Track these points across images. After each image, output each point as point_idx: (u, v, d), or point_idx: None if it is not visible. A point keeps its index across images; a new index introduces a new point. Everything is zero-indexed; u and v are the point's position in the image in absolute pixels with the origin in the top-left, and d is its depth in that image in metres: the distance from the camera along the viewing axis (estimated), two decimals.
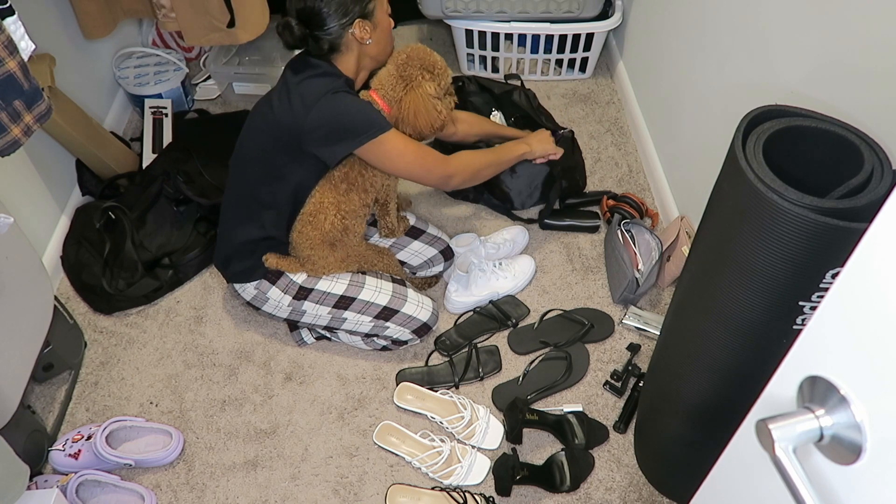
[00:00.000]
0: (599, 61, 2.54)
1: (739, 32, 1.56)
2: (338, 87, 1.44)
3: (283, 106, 1.45)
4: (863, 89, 1.15)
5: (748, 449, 0.74)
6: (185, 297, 1.93)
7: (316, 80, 1.45)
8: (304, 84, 1.44)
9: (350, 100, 1.45)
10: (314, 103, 1.41)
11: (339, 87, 1.45)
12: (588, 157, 2.24)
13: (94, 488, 1.55)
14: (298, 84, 1.45)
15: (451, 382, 1.73)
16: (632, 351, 1.77)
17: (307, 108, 1.42)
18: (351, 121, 1.44)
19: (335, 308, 1.66)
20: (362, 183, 1.57)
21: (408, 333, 1.71)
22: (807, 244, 0.91)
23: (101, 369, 1.79)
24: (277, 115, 1.47)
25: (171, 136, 2.24)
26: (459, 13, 2.28)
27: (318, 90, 1.42)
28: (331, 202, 1.57)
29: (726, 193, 1.04)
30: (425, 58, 1.53)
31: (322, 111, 1.42)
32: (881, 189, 0.92)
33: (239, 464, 1.62)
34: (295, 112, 1.43)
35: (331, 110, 1.42)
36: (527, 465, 1.57)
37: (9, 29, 1.38)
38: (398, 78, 1.53)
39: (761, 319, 1.04)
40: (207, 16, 2.07)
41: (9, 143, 1.45)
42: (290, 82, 1.47)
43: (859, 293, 0.56)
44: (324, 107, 1.42)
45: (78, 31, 2.12)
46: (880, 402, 0.54)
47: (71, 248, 1.94)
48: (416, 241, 1.81)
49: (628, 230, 1.90)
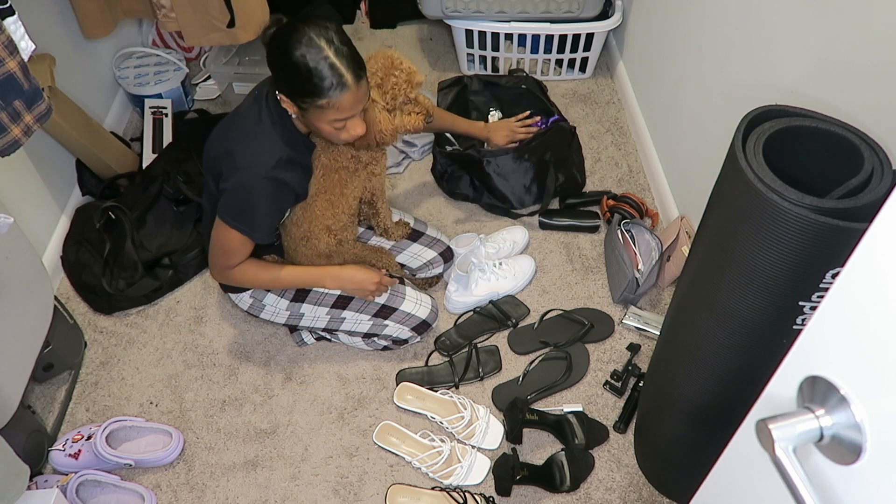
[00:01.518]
0: (599, 61, 2.54)
1: (739, 32, 1.56)
2: (266, 171, 1.37)
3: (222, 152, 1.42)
4: (863, 89, 1.15)
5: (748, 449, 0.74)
6: (185, 297, 1.93)
7: (252, 148, 1.38)
8: (242, 145, 1.39)
9: (261, 196, 1.40)
10: (236, 172, 1.38)
11: (266, 171, 1.38)
12: (588, 157, 2.24)
13: (94, 488, 1.55)
14: (239, 141, 1.39)
15: (451, 382, 1.73)
16: (632, 351, 1.77)
17: (233, 167, 1.39)
18: (242, 211, 1.41)
19: (333, 308, 1.66)
20: (344, 199, 1.55)
21: (407, 331, 1.71)
22: (807, 244, 0.91)
23: (101, 369, 1.79)
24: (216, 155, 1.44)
25: (171, 136, 2.24)
26: (459, 13, 2.28)
27: (247, 161, 1.38)
28: (321, 228, 1.56)
29: (726, 193, 1.04)
30: (385, 63, 1.45)
31: (236, 186, 1.39)
32: (881, 189, 0.92)
33: (239, 464, 1.62)
34: (224, 165, 1.41)
35: (242, 192, 1.39)
36: (527, 465, 1.57)
37: (9, 29, 1.38)
38: None
39: (761, 319, 1.04)
40: (207, 16, 2.07)
41: (9, 143, 1.45)
42: (240, 128, 1.41)
43: (859, 293, 0.56)
44: (239, 183, 1.38)
45: (78, 31, 2.12)
46: (880, 402, 0.54)
47: (71, 248, 1.94)
48: (416, 244, 1.81)
49: (628, 230, 1.90)
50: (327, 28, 1.29)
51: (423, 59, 2.65)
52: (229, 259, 1.49)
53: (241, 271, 1.52)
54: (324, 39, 1.26)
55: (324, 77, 1.26)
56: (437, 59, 2.64)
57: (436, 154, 2.13)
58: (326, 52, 1.26)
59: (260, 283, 1.58)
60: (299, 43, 1.26)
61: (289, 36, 1.27)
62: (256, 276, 1.55)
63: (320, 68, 1.26)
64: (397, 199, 2.15)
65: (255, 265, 1.53)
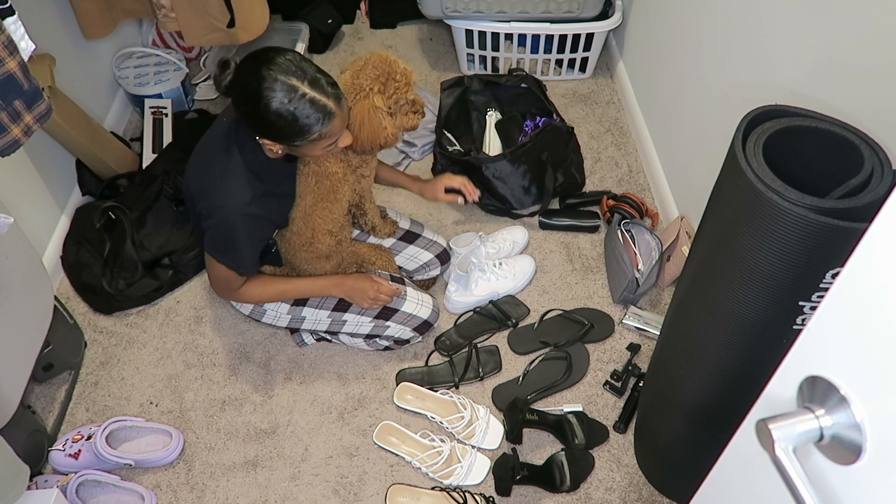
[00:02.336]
0: (599, 61, 2.54)
1: (739, 32, 1.56)
2: (241, 207, 1.36)
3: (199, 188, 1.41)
4: (863, 89, 1.15)
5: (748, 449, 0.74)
6: (185, 297, 1.93)
7: (226, 186, 1.36)
8: (218, 184, 1.37)
9: (241, 232, 1.40)
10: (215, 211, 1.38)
11: (242, 208, 1.36)
12: (588, 157, 2.24)
13: (94, 488, 1.55)
14: (215, 181, 1.38)
15: (451, 382, 1.73)
16: (632, 351, 1.77)
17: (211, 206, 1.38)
18: (226, 247, 1.41)
19: (334, 311, 1.66)
20: (338, 204, 1.55)
21: (409, 332, 1.71)
22: (807, 244, 0.91)
23: (101, 369, 1.79)
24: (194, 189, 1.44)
25: (171, 136, 2.24)
26: (459, 13, 2.28)
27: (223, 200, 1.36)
28: (323, 233, 1.56)
29: (726, 193, 1.04)
30: (384, 67, 1.43)
31: (216, 225, 1.38)
32: (881, 189, 0.92)
33: (239, 464, 1.62)
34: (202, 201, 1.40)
35: (223, 231, 1.39)
36: (527, 465, 1.57)
37: (9, 29, 1.38)
38: (351, 86, 1.43)
39: (761, 319, 1.04)
40: (207, 16, 2.07)
41: (9, 143, 1.45)
42: (213, 167, 1.39)
43: (859, 293, 0.56)
44: (220, 222, 1.38)
45: (78, 31, 2.12)
46: (880, 402, 0.54)
47: (71, 248, 1.94)
48: (412, 246, 1.81)
49: (628, 230, 1.90)
50: (289, 60, 1.24)
51: (423, 59, 2.65)
52: (231, 285, 1.50)
53: (247, 292, 1.53)
54: (293, 77, 1.23)
55: (310, 115, 1.25)
56: (437, 59, 2.64)
57: (436, 154, 2.13)
58: (302, 89, 1.23)
59: (266, 299, 1.58)
60: (272, 91, 1.22)
61: (257, 87, 1.22)
62: (262, 293, 1.56)
63: (304, 110, 1.24)
64: (397, 199, 2.15)
65: (259, 283, 1.54)
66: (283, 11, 2.63)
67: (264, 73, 1.23)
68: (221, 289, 1.53)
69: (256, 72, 1.24)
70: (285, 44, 2.50)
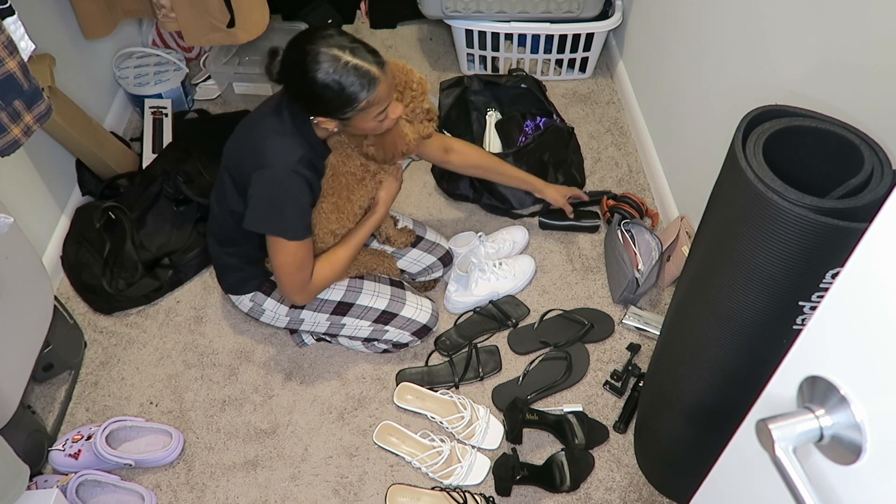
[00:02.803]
0: (599, 61, 2.54)
1: (739, 32, 1.56)
2: (292, 164, 1.37)
3: (247, 149, 1.42)
4: (863, 89, 1.15)
5: (748, 449, 0.74)
6: (185, 297, 1.93)
7: (277, 145, 1.38)
8: (268, 143, 1.38)
9: (291, 191, 1.39)
10: (262, 170, 1.37)
11: (292, 165, 1.37)
12: (588, 157, 2.24)
13: (94, 488, 1.55)
14: (264, 141, 1.39)
15: (451, 382, 1.73)
16: (632, 351, 1.77)
17: (258, 165, 1.38)
18: (272, 210, 1.40)
19: (333, 315, 1.65)
20: (350, 206, 1.54)
21: (408, 336, 1.71)
22: (807, 244, 0.91)
23: (101, 369, 1.79)
24: (240, 154, 1.44)
25: (171, 136, 2.24)
26: (459, 13, 2.28)
27: (273, 158, 1.37)
28: (326, 232, 1.54)
29: (726, 193, 1.04)
30: (401, 76, 1.45)
31: (262, 184, 1.38)
32: (881, 189, 0.92)
33: (239, 464, 1.62)
34: (248, 163, 1.40)
35: (268, 190, 1.38)
36: (527, 465, 1.57)
37: (9, 29, 1.38)
38: None
39: (761, 319, 1.04)
40: (207, 16, 2.07)
41: (9, 143, 1.45)
42: (262, 129, 1.41)
43: (859, 293, 0.56)
44: (265, 181, 1.38)
45: (78, 31, 2.12)
46: (880, 402, 0.54)
47: (71, 248, 1.94)
48: (415, 249, 1.80)
49: (628, 230, 1.90)
50: (329, 34, 1.29)
51: (423, 59, 2.65)
52: (304, 273, 1.47)
53: (320, 278, 1.51)
54: (335, 47, 1.27)
55: (354, 82, 1.28)
56: (437, 59, 2.64)
57: None
58: (345, 57, 1.27)
59: (339, 269, 1.55)
60: (316, 63, 1.26)
61: (302, 62, 1.27)
62: (333, 270, 1.53)
63: (348, 77, 1.27)
64: (397, 200, 2.14)
65: (324, 263, 1.52)
66: (283, 11, 2.63)
67: (307, 48, 1.28)
68: (297, 285, 1.48)
69: (300, 49, 1.29)
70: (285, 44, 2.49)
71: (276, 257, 1.45)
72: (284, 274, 1.46)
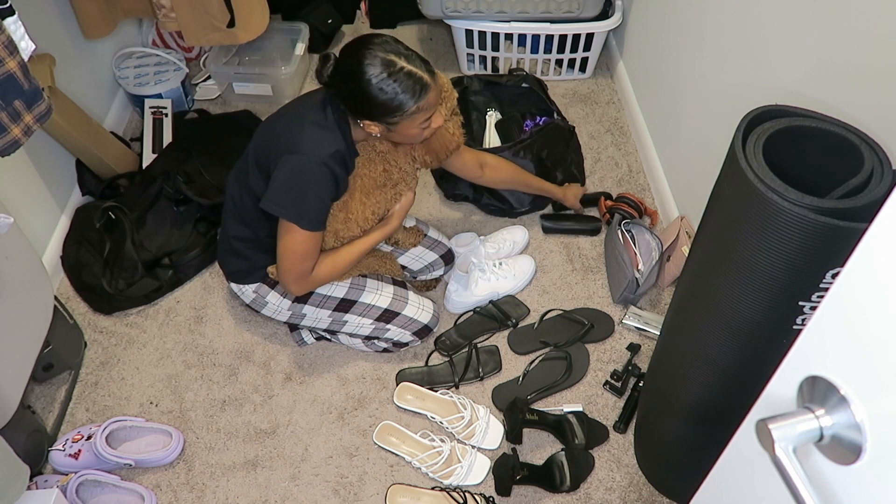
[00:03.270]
0: (599, 61, 2.54)
1: (739, 32, 1.56)
2: (324, 156, 1.37)
3: (282, 134, 1.43)
4: (863, 89, 1.15)
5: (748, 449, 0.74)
6: (185, 297, 1.93)
7: (314, 135, 1.39)
8: (305, 131, 1.39)
9: (315, 180, 1.39)
10: (292, 154, 1.38)
11: (324, 157, 1.37)
12: (588, 157, 2.24)
13: (94, 488, 1.55)
14: (302, 128, 1.40)
15: (451, 382, 1.73)
16: (632, 351, 1.77)
17: (290, 150, 1.38)
18: (292, 194, 1.40)
19: (336, 311, 1.65)
20: (362, 209, 1.54)
21: (408, 335, 1.71)
22: (807, 244, 0.91)
23: (101, 369, 1.79)
24: (275, 137, 1.45)
25: (171, 136, 2.24)
26: (459, 13, 2.28)
27: (306, 146, 1.38)
28: (329, 231, 1.53)
29: (726, 193, 1.04)
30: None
31: (288, 167, 1.38)
32: (881, 189, 0.92)
33: (239, 464, 1.62)
34: (280, 147, 1.40)
35: (294, 174, 1.38)
36: (527, 465, 1.57)
37: (9, 29, 1.38)
38: None
39: (761, 319, 1.04)
40: (207, 16, 2.07)
41: (9, 143, 1.45)
42: (302, 117, 1.42)
43: (859, 293, 0.56)
44: (292, 164, 1.38)
45: (78, 31, 2.12)
46: (880, 402, 0.54)
47: (71, 248, 1.94)
48: (417, 246, 1.81)
49: (628, 230, 1.90)
50: (384, 41, 1.32)
51: None
52: (307, 264, 1.47)
53: (320, 273, 1.51)
54: (392, 53, 1.30)
55: (407, 88, 1.30)
56: (437, 59, 2.64)
57: None
58: (400, 63, 1.29)
59: (339, 273, 1.56)
60: (373, 66, 1.29)
61: (358, 66, 1.29)
62: (335, 269, 1.53)
63: (403, 82, 1.29)
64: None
65: (327, 260, 1.52)
66: (283, 11, 2.64)
67: (364, 52, 1.30)
68: (297, 274, 1.47)
69: (356, 53, 1.31)
70: (285, 44, 2.50)
71: (284, 242, 1.45)
72: (287, 260, 1.46)
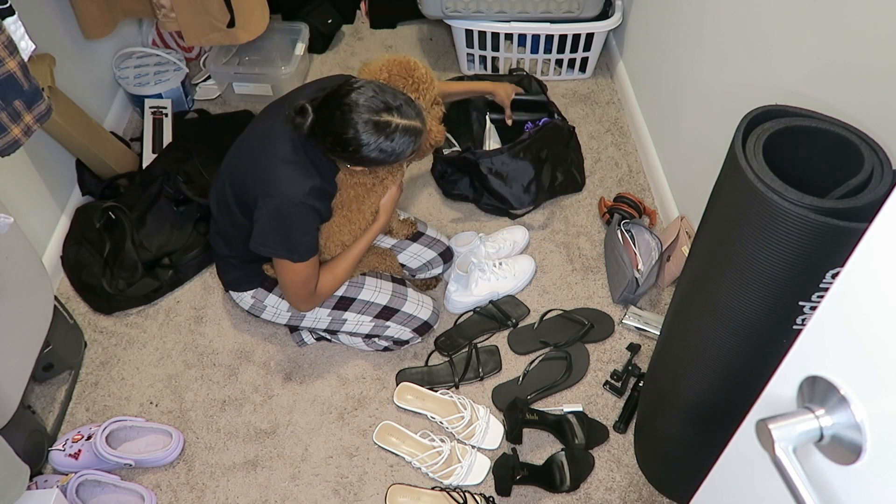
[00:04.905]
0: (599, 61, 2.54)
1: (739, 32, 1.56)
2: (300, 196, 1.35)
3: (253, 171, 1.40)
4: (863, 89, 1.15)
5: (748, 449, 0.74)
6: (185, 297, 1.93)
7: (286, 174, 1.36)
8: (277, 170, 1.36)
9: (295, 220, 1.38)
10: (270, 198, 1.36)
11: (300, 196, 1.35)
12: (588, 157, 2.24)
13: (94, 488, 1.55)
14: (273, 167, 1.37)
15: (451, 382, 1.73)
16: (632, 351, 1.77)
17: (266, 193, 1.37)
18: (277, 234, 1.39)
19: (335, 309, 1.66)
20: (361, 215, 1.54)
21: (409, 332, 1.71)
22: (807, 244, 0.91)
23: (101, 369, 1.79)
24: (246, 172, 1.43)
25: (171, 136, 2.24)
26: (459, 13, 2.28)
27: (279, 187, 1.35)
28: (336, 244, 1.55)
29: (726, 193, 1.04)
30: (409, 72, 1.43)
31: (268, 212, 1.37)
32: (881, 189, 0.92)
33: (239, 464, 1.62)
34: (256, 187, 1.39)
35: (275, 219, 1.37)
36: (527, 465, 1.57)
37: (9, 29, 1.38)
38: None
39: (761, 319, 1.04)
40: (207, 16, 2.07)
41: (9, 143, 1.45)
42: (272, 153, 1.38)
43: (859, 293, 0.56)
44: (272, 209, 1.37)
45: (78, 31, 2.12)
46: (880, 402, 0.54)
47: (71, 248, 1.94)
48: (415, 244, 1.81)
49: (628, 230, 1.90)
50: (371, 97, 1.25)
51: (423, 59, 2.63)
52: (309, 286, 1.48)
53: (323, 288, 1.52)
54: (382, 112, 1.25)
55: (405, 142, 1.28)
56: (437, 59, 2.64)
57: (434, 156, 2.13)
58: (394, 121, 1.25)
59: (342, 279, 1.56)
60: (369, 135, 1.25)
61: (354, 136, 1.24)
62: (336, 280, 1.54)
63: (401, 140, 1.27)
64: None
65: (327, 273, 1.52)
66: (283, 11, 2.64)
67: (351, 118, 1.24)
68: (303, 296, 1.49)
69: (343, 120, 1.25)
70: (285, 44, 2.50)
71: (282, 275, 1.47)
72: (291, 290, 1.49)
